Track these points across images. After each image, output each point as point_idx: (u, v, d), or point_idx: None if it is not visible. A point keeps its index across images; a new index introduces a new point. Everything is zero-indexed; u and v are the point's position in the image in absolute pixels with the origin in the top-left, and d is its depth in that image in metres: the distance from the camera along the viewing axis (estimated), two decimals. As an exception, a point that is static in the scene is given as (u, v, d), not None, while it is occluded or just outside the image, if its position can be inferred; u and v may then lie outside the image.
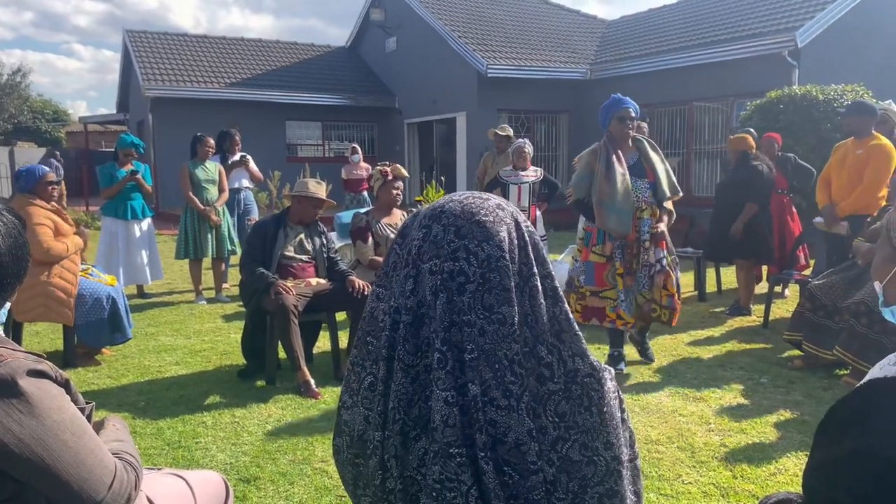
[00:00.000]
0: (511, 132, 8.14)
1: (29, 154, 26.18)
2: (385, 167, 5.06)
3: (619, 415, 1.18)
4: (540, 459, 1.09)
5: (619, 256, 4.50)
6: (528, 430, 1.08)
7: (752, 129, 7.54)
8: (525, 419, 1.08)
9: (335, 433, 1.22)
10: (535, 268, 1.14)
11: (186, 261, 7.22)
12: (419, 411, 1.11)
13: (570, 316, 1.17)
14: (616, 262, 4.49)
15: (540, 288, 1.14)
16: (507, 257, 1.11)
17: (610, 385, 1.18)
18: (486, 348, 1.08)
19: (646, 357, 4.92)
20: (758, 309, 6.31)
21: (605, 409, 1.16)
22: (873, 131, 5.46)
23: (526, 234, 1.16)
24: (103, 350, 5.11)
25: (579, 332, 1.17)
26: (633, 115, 4.52)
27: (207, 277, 7.49)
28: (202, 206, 6.85)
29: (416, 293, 1.12)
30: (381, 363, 1.13)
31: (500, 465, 1.07)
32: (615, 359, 4.69)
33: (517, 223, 1.17)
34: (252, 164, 7.68)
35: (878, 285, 1.08)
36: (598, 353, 4.95)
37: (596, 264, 4.53)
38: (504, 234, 1.13)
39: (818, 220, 5.82)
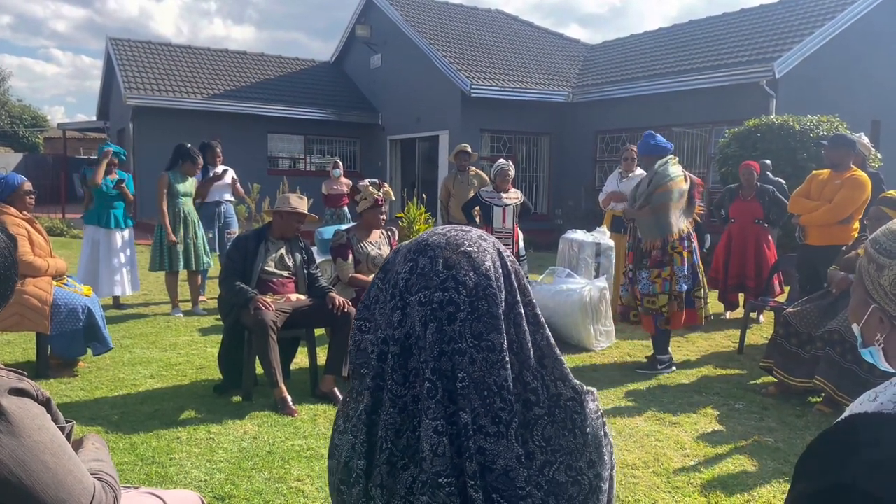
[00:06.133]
0: (469, 148, 8.21)
1: (5, 159, 25.85)
2: (376, 191, 5.05)
3: (600, 434, 1.22)
4: (528, 485, 1.10)
5: None
6: (517, 457, 1.10)
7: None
8: (514, 445, 1.10)
9: (329, 454, 1.25)
10: (518, 295, 1.17)
11: (162, 272, 7.15)
12: (407, 441, 1.12)
13: (552, 341, 1.21)
14: None
15: (524, 315, 1.17)
16: (495, 285, 1.14)
17: (592, 406, 1.21)
18: (476, 376, 1.10)
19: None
20: (734, 334, 6.38)
21: (587, 430, 1.19)
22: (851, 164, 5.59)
23: (509, 263, 1.20)
24: (80, 362, 5.03)
25: (561, 357, 1.21)
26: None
27: (184, 289, 7.41)
28: (168, 224, 6.79)
29: (404, 325, 1.13)
30: (366, 393, 1.15)
31: (489, 493, 1.08)
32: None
33: (499, 252, 1.20)
34: (234, 178, 7.64)
35: (855, 327, 1.11)
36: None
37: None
38: (489, 262, 1.16)
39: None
